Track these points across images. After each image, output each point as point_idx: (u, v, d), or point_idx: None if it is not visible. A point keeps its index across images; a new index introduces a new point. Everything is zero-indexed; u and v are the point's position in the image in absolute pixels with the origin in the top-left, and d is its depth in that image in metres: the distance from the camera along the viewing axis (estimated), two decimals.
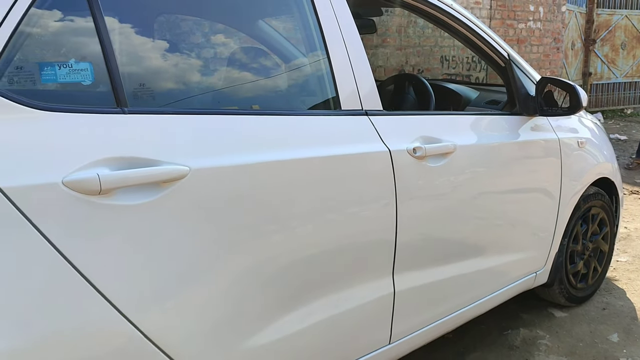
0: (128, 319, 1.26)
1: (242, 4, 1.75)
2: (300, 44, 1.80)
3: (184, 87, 1.55)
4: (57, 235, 1.16)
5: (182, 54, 1.61)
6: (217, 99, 1.64)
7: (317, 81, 1.78)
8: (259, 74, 1.79)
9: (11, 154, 1.14)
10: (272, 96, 1.77)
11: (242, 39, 1.83)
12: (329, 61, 1.73)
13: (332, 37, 1.74)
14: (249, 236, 1.46)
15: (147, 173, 1.28)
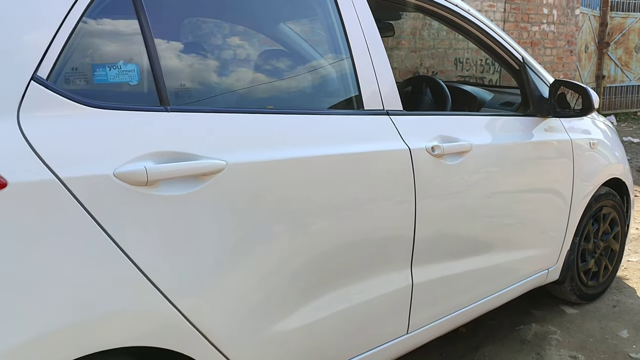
0: (169, 301, 1.36)
1: (273, 10, 1.86)
2: (327, 48, 1.90)
3: (220, 87, 1.66)
4: (108, 222, 1.27)
5: (218, 56, 1.72)
6: (251, 98, 1.75)
7: (342, 83, 1.88)
8: (290, 75, 1.89)
9: (68, 147, 1.25)
10: (302, 96, 1.87)
11: (273, 42, 1.93)
12: (353, 64, 1.83)
13: (356, 41, 1.84)
14: (279, 227, 1.56)
15: (187, 167, 1.38)
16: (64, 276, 1.21)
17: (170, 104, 1.43)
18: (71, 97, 1.28)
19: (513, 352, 2.63)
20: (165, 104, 1.42)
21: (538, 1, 7.20)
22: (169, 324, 1.38)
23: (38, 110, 1.23)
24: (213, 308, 1.45)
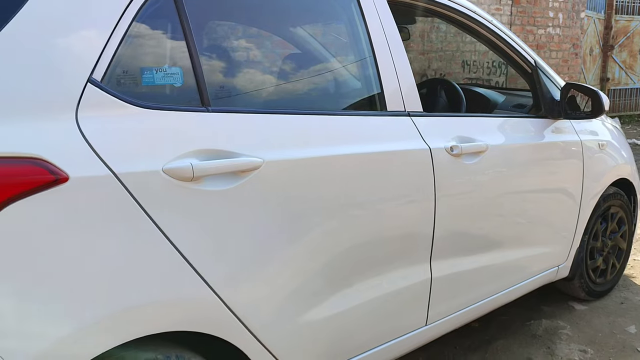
0: (212, 288, 1.46)
1: (303, 17, 1.95)
2: (353, 53, 2.00)
3: (255, 88, 1.75)
4: (158, 215, 1.36)
5: (253, 60, 1.81)
6: (284, 100, 1.84)
7: (367, 85, 1.97)
8: (319, 78, 1.99)
9: (121, 145, 1.34)
10: (331, 98, 1.97)
11: (304, 48, 2.03)
12: (377, 68, 1.92)
13: (379, 46, 1.93)
14: (311, 221, 1.66)
15: (228, 164, 1.48)
16: (116, 263, 1.31)
17: (210, 105, 1.52)
18: (122, 98, 1.38)
19: (524, 345, 2.72)
20: (207, 105, 1.52)
21: (544, 4, 7.29)
22: (210, 310, 1.47)
23: (93, 110, 1.33)
24: (250, 296, 1.55)
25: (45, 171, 1.22)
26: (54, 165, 1.23)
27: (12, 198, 1.18)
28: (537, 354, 2.65)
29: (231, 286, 1.50)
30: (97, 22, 1.36)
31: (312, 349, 1.75)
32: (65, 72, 1.30)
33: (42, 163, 1.22)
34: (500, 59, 6.82)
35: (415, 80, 2.04)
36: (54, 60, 1.29)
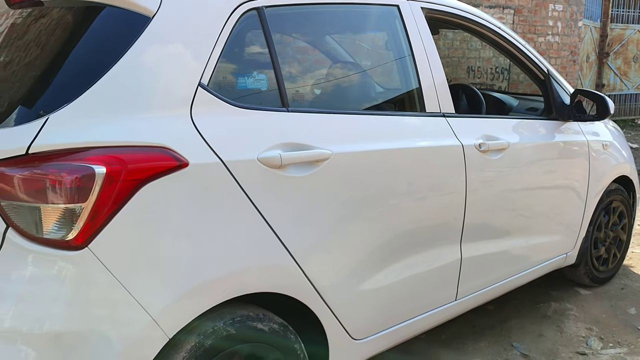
0: (293, 258, 1.76)
1: (360, 33, 2.26)
2: (400, 62, 2.29)
3: (323, 92, 2.06)
4: (255, 196, 1.66)
5: (321, 69, 2.12)
6: (347, 102, 2.15)
7: (410, 90, 2.27)
8: (374, 84, 2.30)
9: (225, 137, 1.64)
10: (383, 100, 2.27)
11: (361, 59, 2.34)
12: (418, 75, 2.23)
13: (419, 56, 2.24)
14: (368, 205, 1.96)
15: (305, 155, 1.78)
16: (224, 234, 1.61)
17: (289, 106, 1.83)
18: (223, 99, 1.68)
19: (536, 324, 3.03)
20: (286, 106, 1.82)
21: (544, 13, 7.64)
22: (292, 276, 1.77)
23: (203, 108, 1.63)
24: (321, 266, 1.85)
25: (171, 158, 1.52)
26: (177, 153, 1.53)
27: (147, 179, 1.48)
28: (547, 330, 2.96)
29: (307, 257, 1.80)
30: (202, 40, 1.67)
31: (364, 314, 2.04)
32: (181, 79, 1.61)
33: (168, 151, 1.52)
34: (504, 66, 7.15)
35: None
36: (173, 70, 1.60)
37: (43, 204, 1.40)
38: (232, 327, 1.65)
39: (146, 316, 1.47)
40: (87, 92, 1.48)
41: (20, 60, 1.71)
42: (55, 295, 1.41)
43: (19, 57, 1.73)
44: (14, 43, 1.79)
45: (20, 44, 1.77)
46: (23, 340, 1.40)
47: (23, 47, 1.75)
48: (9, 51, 1.77)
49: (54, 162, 1.41)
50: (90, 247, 1.42)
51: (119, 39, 1.56)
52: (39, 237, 1.42)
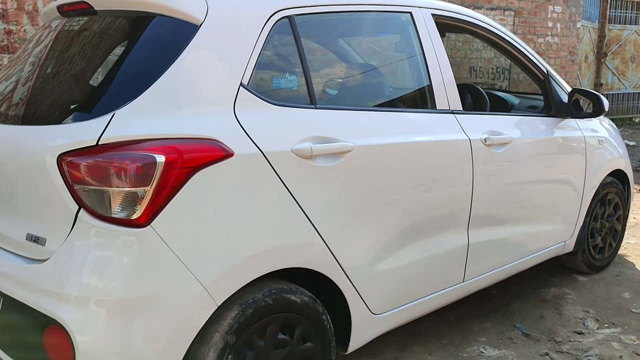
0: (322, 238, 1.98)
1: (381, 35, 2.49)
2: (413, 64, 2.51)
3: (346, 91, 2.28)
4: (289, 183, 1.89)
5: (344, 70, 2.34)
6: (367, 99, 2.37)
7: (422, 89, 2.49)
8: (391, 84, 2.52)
9: (263, 130, 1.86)
10: (398, 98, 2.50)
11: (380, 61, 2.56)
12: (429, 76, 2.45)
13: (430, 58, 2.46)
14: (387, 192, 2.19)
15: (332, 147, 2.00)
16: (265, 216, 1.84)
17: (316, 103, 2.05)
18: (261, 97, 1.90)
19: (537, 308, 3.25)
20: (314, 103, 2.04)
21: (544, 15, 7.87)
22: (321, 254, 1.99)
23: (244, 105, 1.85)
24: (346, 246, 2.07)
25: (219, 149, 1.74)
26: (224, 145, 1.76)
27: (199, 167, 1.71)
28: (547, 313, 3.18)
29: (334, 237, 2.02)
30: (242, 45, 1.89)
31: (382, 291, 2.26)
32: (226, 80, 1.83)
33: (217, 143, 1.75)
34: (505, 66, 7.38)
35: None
36: (219, 72, 1.82)
37: (112, 188, 1.63)
38: (269, 298, 1.87)
39: (199, 286, 1.70)
40: (147, 91, 1.71)
41: (85, 64, 1.94)
42: (121, 266, 1.64)
43: (83, 61, 1.95)
44: (74, 49, 2.02)
45: (80, 50, 2.00)
46: (94, 305, 1.63)
47: (85, 52, 1.98)
48: (72, 56, 2.00)
49: (120, 152, 1.63)
50: (152, 225, 1.64)
51: (172, 45, 1.79)
52: (107, 216, 1.65)
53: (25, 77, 2.10)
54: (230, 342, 1.79)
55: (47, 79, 2.02)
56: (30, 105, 1.97)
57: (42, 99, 1.95)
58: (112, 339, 1.63)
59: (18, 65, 2.23)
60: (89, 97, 1.80)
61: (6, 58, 3.85)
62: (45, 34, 2.24)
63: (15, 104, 2.04)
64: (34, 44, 2.26)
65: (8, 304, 1.83)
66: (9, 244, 1.89)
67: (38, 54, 2.17)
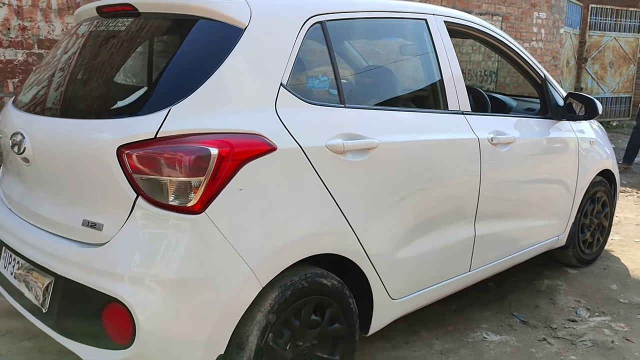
0: (351, 227, 2.15)
1: (401, 40, 2.67)
2: (428, 67, 2.69)
3: (371, 92, 2.45)
4: (324, 176, 2.05)
5: (369, 72, 2.51)
6: (389, 99, 2.55)
7: (436, 91, 2.67)
8: (410, 86, 2.70)
9: (301, 127, 2.02)
10: (417, 99, 2.68)
11: (401, 65, 2.74)
12: (442, 79, 2.64)
13: (443, 62, 2.65)
14: (407, 186, 2.36)
15: (360, 143, 2.17)
16: (304, 205, 2.00)
17: (346, 103, 2.22)
18: (298, 96, 2.06)
19: (532, 298, 3.47)
20: (344, 103, 2.21)
21: (529, 21, 8.15)
22: (350, 242, 2.16)
23: (284, 103, 2.01)
24: (371, 235, 2.24)
25: (264, 143, 1.90)
26: (269, 139, 1.91)
27: (247, 159, 1.86)
28: (542, 303, 3.40)
29: (361, 226, 2.19)
30: (282, 47, 2.05)
31: (401, 277, 2.44)
32: (268, 80, 1.99)
33: (262, 138, 1.90)
34: (492, 69, 7.62)
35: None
36: (262, 72, 1.98)
37: (169, 178, 1.77)
38: (304, 281, 2.04)
39: (246, 268, 1.85)
40: (199, 89, 1.85)
41: (137, 63, 2.08)
42: (178, 249, 1.78)
43: (136, 60, 2.09)
44: (123, 49, 2.15)
45: (129, 49, 2.13)
46: (153, 285, 1.77)
47: (135, 52, 2.11)
48: (123, 55, 2.13)
49: (178, 145, 1.78)
50: (206, 212, 1.79)
51: (220, 46, 1.94)
52: (164, 203, 1.79)
53: (76, 74, 2.23)
54: (271, 321, 1.95)
55: (100, 76, 2.15)
56: (88, 100, 2.10)
57: (99, 94, 2.09)
58: (170, 317, 1.77)
59: (63, 61, 2.35)
60: (145, 94, 1.94)
61: (20, 54, 3.94)
62: (84, 33, 2.36)
63: (72, 99, 2.16)
64: (75, 41, 2.38)
65: (63, 286, 1.95)
66: (62, 230, 2.02)
67: (83, 51, 2.30)
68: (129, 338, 1.77)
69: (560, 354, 2.84)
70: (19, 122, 2.20)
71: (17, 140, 2.13)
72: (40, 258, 2.04)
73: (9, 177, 2.45)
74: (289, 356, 2.04)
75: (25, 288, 2.13)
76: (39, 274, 2.06)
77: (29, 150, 2.09)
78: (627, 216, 5.35)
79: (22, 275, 2.14)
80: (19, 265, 2.18)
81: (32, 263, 2.09)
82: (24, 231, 2.18)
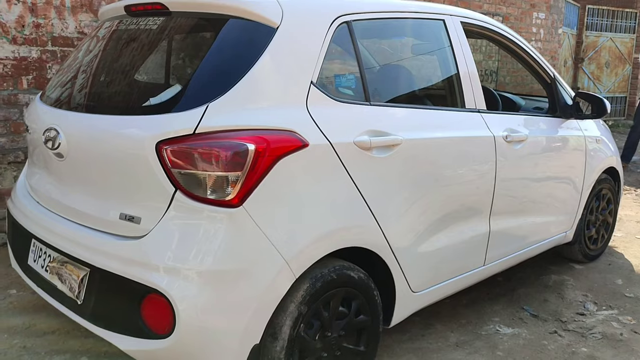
0: (377, 220, 2.21)
1: (421, 44, 2.74)
2: (447, 67, 2.76)
3: (395, 90, 2.52)
4: (352, 171, 2.11)
5: (393, 71, 2.57)
6: (410, 97, 2.62)
7: (455, 90, 2.74)
8: (431, 85, 2.77)
9: (330, 124, 2.08)
10: (437, 98, 2.75)
11: (423, 65, 2.81)
12: (459, 78, 2.71)
13: (460, 61, 2.72)
14: (428, 182, 2.43)
15: (385, 139, 2.24)
16: (333, 198, 2.06)
17: (370, 101, 2.28)
18: (327, 94, 2.13)
19: (540, 292, 3.55)
20: (368, 100, 2.27)
21: (529, 21, 8.24)
22: (376, 235, 2.23)
23: (314, 101, 2.07)
24: (395, 229, 2.31)
25: (297, 139, 1.96)
26: (302, 136, 1.97)
27: (282, 155, 1.92)
28: (551, 297, 3.48)
29: (385, 221, 2.26)
30: (312, 46, 2.11)
31: (421, 271, 2.51)
32: (300, 78, 2.05)
33: (295, 134, 1.97)
34: (492, 69, 7.71)
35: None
36: (294, 71, 2.04)
37: (208, 172, 1.83)
38: (333, 273, 2.10)
39: (281, 260, 1.91)
40: (235, 87, 1.91)
41: (174, 60, 2.13)
42: (216, 242, 1.84)
43: (174, 57, 2.14)
44: (156, 47, 2.20)
45: (162, 47, 2.18)
46: (193, 276, 1.82)
47: (168, 50, 2.16)
48: (159, 53, 2.18)
49: (216, 140, 1.84)
50: (244, 206, 1.85)
51: (254, 45, 1.99)
52: (202, 197, 1.85)
53: (107, 71, 2.28)
54: (303, 312, 2.01)
55: (132, 74, 2.20)
56: (121, 97, 2.15)
57: (132, 91, 2.14)
58: (209, 307, 1.83)
59: (91, 58, 2.39)
60: (181, 91, 1.98)
61: (34, 51, 3.97)
62: (111, 31, 2.41)
63: (105, 96, 2.21)
64: (102, 39, 2.43)
65: (99, 277, 2.00)
66: (97, 223, 2.07)
67: (111, 49, 2.34)
68: (169, 328, 1.82)
69: (571, 345, 2.92)
70: (52, 118, 2.25)
71: (51, 136, 2.17)
72: (76, 250, 2.08)
73: (36, 171, 2.50)
74: (318, 346, 2.11)
75: (58, 281, 2.18)
76: (74, 266, 2.11)
77: (63, 145, 2.13)
78: (627, 213, 5.46)
79: (55, 268, 2.19)
80: (51, 259, 2.22)
81: (66, 255, 2.13)
82: (56, 224, 2.23)
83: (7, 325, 2.87)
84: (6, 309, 3.04)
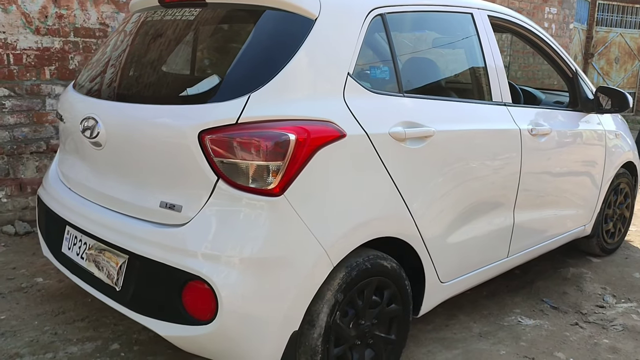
0: (410, 211, 2.24)
1: (453, 40, 2.76)
2: (475, 61, 2.78)
3: (427, 82, 2.54)
4: (387, 161, 2.14)
5: (425, 64, 2.60)
6: (442, 89, 2.64)
7: (482, 83, 2.76)
8: (462, 78, 2.80)
9: (366, 115, 2.11)
10: (467, 91, 2.77)
11: (455, 58, 2.83)
12: (487, 72, 2.73)
13: (488, 55, 2.74)
14: (458, 173, 2.46)
15: (418, 131, 2.26)
16: (368, 190, 2.09)
17: (404, 92, 2.30)
18: (363, 85, 2.15)
19: (559, 285, 3.58)
20: (402, 92, 2.30)
21: (540, 16, 8.24)
22: (408, 226, 2.26)
23: (351, 92, 2.10)
24: (426, 220, 2.33)
25: (335, 130, 1.99)
26: (339, 126, 2.00)
27: (322, 145, 1.95)
28: (569, 289, 3.51)
29: (418, 211, 2.29)
30: (349, 38, 2.13)
31: (449, 261, 2.53)
32: (337, 69, 2.08)
33: (333, 125, 1.99)
34: (504, 64, 7.70)
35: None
36: (332, 62, 2.07)
37: (250, 162, 1.86)
38: (368, 262, 2.13)
39: (320, 248, 1.94)
40: (276, 77, 1.93)
41: (213, 51, 2.15)
42: (258, 230, 1.87)
43: (213, 48, 2.17)
44: (197, 37, 2.23)
45: (201, 37, 2.21)
46: (235, 263, 1.85)
47: (209, 40, 2.19)
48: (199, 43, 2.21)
49: (259, 130, 1.86)
50: (285, 195, 1.88)
51: (294, 36, 2.02)
52: (245, 186, 1.88)
53: (144, 61, 2.30)
54: (339, 300, 2.04)
55: (169, 64, 2.22)
56: (160, 86, 2.18)
57: (170, 81, 2.16)
58: (250, 294, 1.86)
59: (125, 48, 2.42)
60: (222, 81, 2.01)
61: (57, 41, 3.99)
62: (145, 21, 2.43)
63: (144, 85, 2.24)
64: (135, 29, 2.45)
65: (139, 264, 2.04)
66: (136, 211, 2.10)
67: (147, 39, 2.37)
68: (211, 314, 1.86)
69: (593, 337, 2.95)
70: (89, 108, 2.27)
71: (89, 125, 2.20)
72: (114, 237, 2.11)
73: (69, 159, 2.53)
74: (353, 334, 2.14)
75: (95, 268, 2.21)
76: (112, 253, 2.14)
77: (102, 134, 2.16)
78: None
79: (92, 255, 2.22)
80: (88, 246, 2.25)
81: (104, 243, 2.16)
82: (92, 212, 2.26)
83: (37, 312, 2.91)
84: (34, 297, 3.08)
